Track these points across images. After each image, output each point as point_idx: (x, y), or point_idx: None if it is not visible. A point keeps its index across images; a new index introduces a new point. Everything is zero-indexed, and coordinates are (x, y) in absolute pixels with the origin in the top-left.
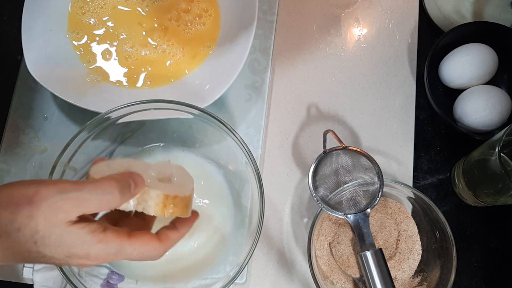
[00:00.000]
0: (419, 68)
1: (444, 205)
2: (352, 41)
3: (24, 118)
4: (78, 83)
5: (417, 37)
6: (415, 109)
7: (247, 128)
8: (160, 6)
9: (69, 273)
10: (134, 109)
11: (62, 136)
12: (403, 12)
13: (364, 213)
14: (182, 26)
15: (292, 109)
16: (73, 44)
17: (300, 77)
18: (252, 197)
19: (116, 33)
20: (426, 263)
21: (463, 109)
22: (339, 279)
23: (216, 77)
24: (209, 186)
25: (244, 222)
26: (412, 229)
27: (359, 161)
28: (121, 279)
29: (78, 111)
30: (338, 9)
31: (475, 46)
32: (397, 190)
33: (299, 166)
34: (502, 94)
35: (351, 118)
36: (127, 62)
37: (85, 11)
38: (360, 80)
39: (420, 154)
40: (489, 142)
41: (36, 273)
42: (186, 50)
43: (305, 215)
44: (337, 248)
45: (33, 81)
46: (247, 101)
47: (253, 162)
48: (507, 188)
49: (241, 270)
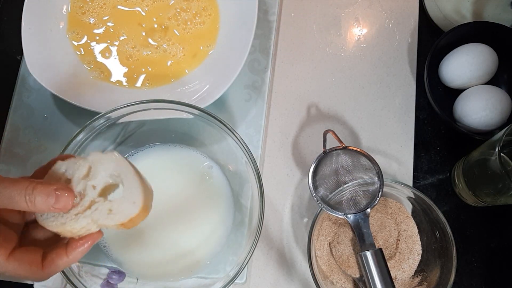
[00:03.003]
0: (419, 68)
1: (444, 205)
2: (352, 41)
3: (24, 118)
4: (78, 83)
5: (417, 37)
6: (415, 109)
7: (247, 128)
8: (159, 6)
9: (69, 273)
10: (134, 109)
11: (62, 136)
12: (403, 12)
13: (364, 213)
14: (182, 25)
15: (292, 109)
16: (73, 44)
17: (300, 77)
18: (252, 197)
19: (116, 33)
20: (426, 263)
21: (463, 109)
22: (339, 279)
23: (216, 77)
24: (209, 186)
25: (244, 222)
26: (412, 229)
27: (359, 161)
28: (121, 279)
29: (78, 111)
30: (338, 9)
31: (475, 46)
32: (397, 190)
33: (299, 166)
34: (502, 94)
35: (351, 118)
36: (128, 62)
37: (85, 11)
38: (360, 80)
39: (420, 154)
40: (489, 142)
41: None
42: (186, 49)
43: (305, 215)
44: (337, 248)
45: (33, 81)
46: (247, 101)
47: (253, 162)
48: (507, 188)
49: (241, 270)
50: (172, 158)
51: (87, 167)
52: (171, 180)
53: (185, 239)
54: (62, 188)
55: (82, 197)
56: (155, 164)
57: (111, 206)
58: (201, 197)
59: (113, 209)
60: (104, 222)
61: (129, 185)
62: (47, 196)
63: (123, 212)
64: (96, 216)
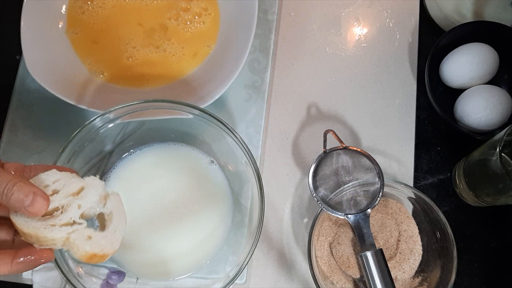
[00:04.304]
0: (420, 68)
1: (444, 205)
2: (352, 40)
3: (23, 118)
4: (78, 83)
5: (418, 37)
6: (416, 109)
7: (247, 128)
8: (159, 5)
9: (69, 273)
10: (134, 109)
11: (61, 136)
12: (404, 11)
13: (364, 213)
14: (182, 25)
15: (292, 109)
16: (72, 44)
17: (300, 77)
18: (252, 197)
19: (116, 33)
20: (426, 263)
21: (463, 109)
22: (339, 279)
23: (216, 76)
24: (209, 186)
25: (244, 222)
26: (413, 229)
27: (359, 161)
28: (121, 279)
29: (77, 111)
30: (338, 9)
31: (476, 46)
32: (398, 190)
33: (299, 166)
34: (503, 94)
35: (351, 118)
36: (128, 61)
37: (84, 11)
38: (360, 80)
39: (420, 154)
40: (489, 142)
41: (35, 273)
42: (186, 49)
43: (305, 215)
44: (337, 248)
45: (33, 81)
46: (247, 101)
47: (253, 162)
48: (508, 188)
49: (241, 270)
50: (172, 157)
51: (80, 186)
52: (170, 180)
53: (185, 239)
54: (41, 194)
55: (64, 211)
56: (155, 163)
57: (92, 234)
58: (200, 197)
59: (93, 238)
60: (79, 244)
61: (115, 227)
62: (25, 196)
63: (100, 246)
64: (74, 235)
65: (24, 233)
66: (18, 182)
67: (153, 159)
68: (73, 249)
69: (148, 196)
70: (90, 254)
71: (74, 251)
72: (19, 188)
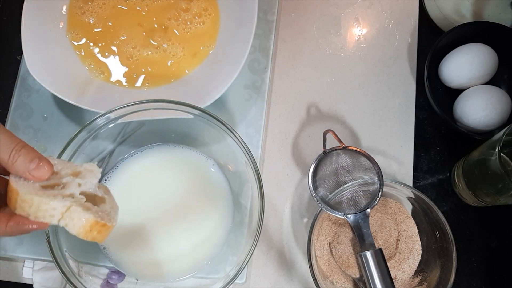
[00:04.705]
0: (419, 68)
1: (444, 205)
2: (352, 41)
3: (24, 118)
4: (78, 83)
5: (417, 37)
6: (415, 109)
7: (247, 128)
8: (159, 6)
9: (69, 273)
10: (134, 109)
11: (61, 136)
12: (403, 12)
13: (364, 213)
14: (182, 25)
15: (292, 109)
16: (72, 44)
17: (300, 77)
18: (252, 197)
19: (116, 33)
20: (426, 263)
21: (463, 109)
22: (339, 279)
23: (216, 77)
24: (209, 186)
25: (244, 222)
26: (412, 229)
27: (359, 161)
28: (121, 279)
29: (77, 111)
30: (338, 9)
31: (475, 46)
32: (397, 190)
33: (299, 166)
34: (502, 94)
35: (351, 118)
36: (128, 62)
37: (84, 11)
38: (360, 80)
39: (420, 154)
40: (489, 142)
41: (35, 273)
42: (186, 49)
43: (305, 215)
44: (337, 248)
45: (33, 81)
46: (247, 101)
47: (253, 162)
48: (507, 188)
49: (241, 270)
50: (172, 158)
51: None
52: (170, 180)
53: (185, 239)
54: (46, 161)
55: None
56: (155, 164)
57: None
58: (200, 197)
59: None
60: (80, 212)
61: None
62: (30, 161)
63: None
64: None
65: (22, 201)
66: (26, 145)
67: (153, 161)
68: (72, 221)
69: (149, 197)
70: (91, 222)
71: (73, 222)
72: (26, 151)
